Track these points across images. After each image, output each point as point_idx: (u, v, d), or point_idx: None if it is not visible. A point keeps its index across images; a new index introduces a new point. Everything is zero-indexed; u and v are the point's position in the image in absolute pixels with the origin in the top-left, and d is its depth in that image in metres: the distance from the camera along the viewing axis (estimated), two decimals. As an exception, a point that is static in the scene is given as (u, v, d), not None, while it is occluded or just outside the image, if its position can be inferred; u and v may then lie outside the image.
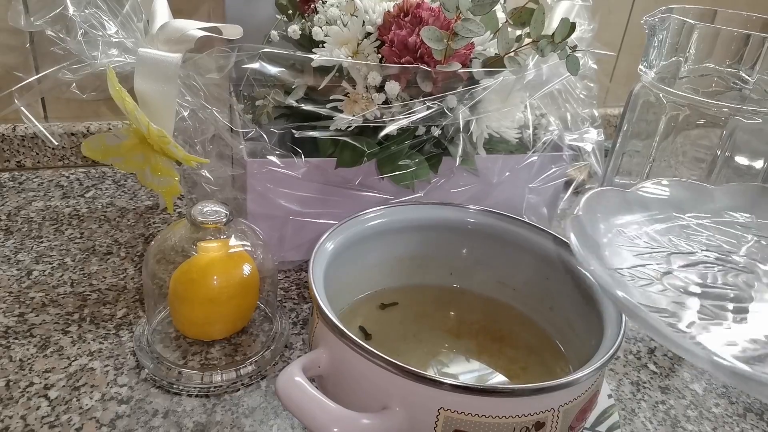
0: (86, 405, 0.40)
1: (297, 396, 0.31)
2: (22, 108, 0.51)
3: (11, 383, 0.42)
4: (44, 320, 0.48)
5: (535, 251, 0.45)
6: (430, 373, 0.32)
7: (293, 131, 0.50)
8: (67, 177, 0.71)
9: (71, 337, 0.46)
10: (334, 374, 0.35)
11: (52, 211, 0.63)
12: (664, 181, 0.48)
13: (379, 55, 0.50)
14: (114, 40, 0.49)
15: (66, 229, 0.60)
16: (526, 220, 0.46)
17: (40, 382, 0.42)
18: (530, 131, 0.55)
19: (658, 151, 0.51)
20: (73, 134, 0.72)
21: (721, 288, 0.40)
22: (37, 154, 0.72)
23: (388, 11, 0.50)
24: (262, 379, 0.44)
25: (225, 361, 0.45)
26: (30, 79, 0.51)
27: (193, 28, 0.49)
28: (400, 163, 0.51)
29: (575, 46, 0.50)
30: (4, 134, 0.69)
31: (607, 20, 0.89)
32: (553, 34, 0.49)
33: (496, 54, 0.51)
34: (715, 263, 0.43)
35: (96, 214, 0.64)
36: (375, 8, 0.51)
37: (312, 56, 0.50)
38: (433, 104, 0.49)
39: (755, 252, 0.44)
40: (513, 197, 0.58)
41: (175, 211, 0.65)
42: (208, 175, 0.52)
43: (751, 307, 0.39)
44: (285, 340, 0.48)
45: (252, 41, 0.50)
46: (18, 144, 0.70)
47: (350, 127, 0.50)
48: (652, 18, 0.50)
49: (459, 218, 0.48)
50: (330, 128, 0.50)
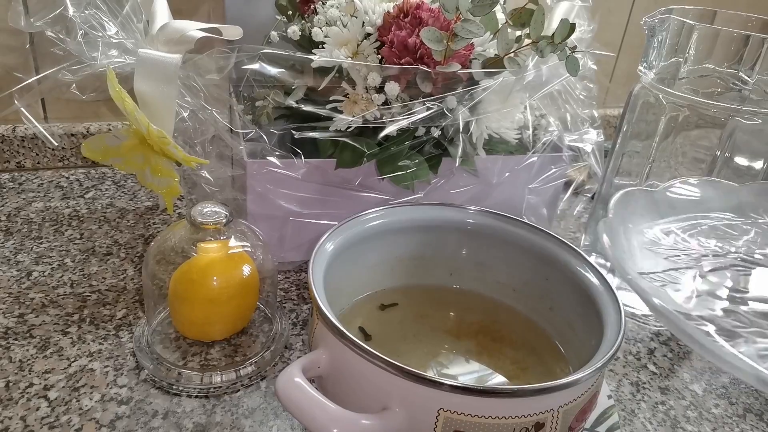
0: (86, 406, 0.40)
1: (297, 397, 0.31)
2: (22, 109, 0.51)
3: (11, 384, 0.42)
4: (44, 321, 0.48)
5: (535, 251, 0.45)
6: (430, 374, 0.32)
7: (293, 132, 0.50)
8: (67, 178, 0.71)
9: (71, 337, 0.46)
10: (334, 375, 0.35)
11: (51, 211, 0.63)
12: (692, 180, 0.48)
13: (379, 56, 0.50)
14: (114, 40, 0.49)
15: (66, 230, 0.60)
16: (526, 221, 0.46)
17: (40, 383, 0.42)
18: (530, 132, 0.55)
19: (658, 152, 0.51)
20: (72, 135, 0.72)
21: (753, 292, 0.40)
22: (37, 154, 0.72)
23: (388, 12, 0.50)
24: (261, 379, 0.44)
25: (225, 362, 0.45)
26: (30, 80, 0.51)
27: (193, 28, 0.49)
28: (399, 163, 0.51)
29: (575, 46, 0.50)
30: (4, 135, 0.69)
31: (607, 21, 0.90)
32: (553, 34, 0.49)
33: (495, 55, 0.51)
34: (744, 265, 0.42)
35: (96, 215, 0.64)
36: (375, 9, 0.51)
37: (312, 57, 0.50)
38: (432, 105, 0.49)
39: None
40: (513, 198, 0.58)
41: (174, 211, 0.65)
42: (207, 175, 0.52)
43: None
44: (285, 340, 0.48)
45: (252, 42, 0.50)
46: (18, 145, 0.70)
47: (350, 127, 0.50)
48: (651, 19, 0.50)
49: (459, 219, 0.48)
50: (330, 129, 0.50)
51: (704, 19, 0.52)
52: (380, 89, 0.50)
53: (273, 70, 0.50)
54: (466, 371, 0.42)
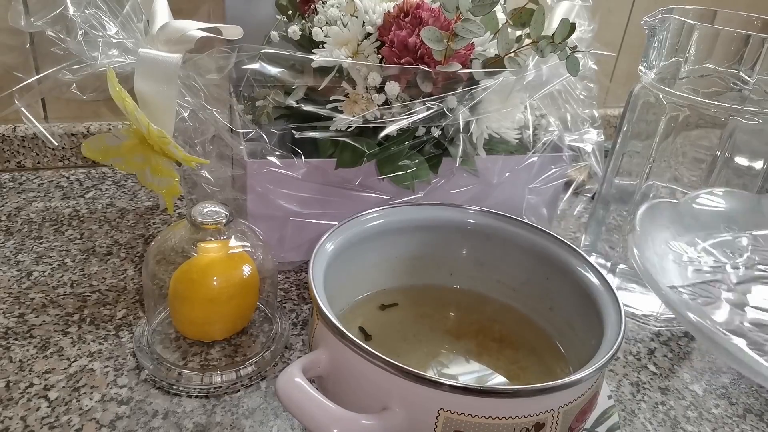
0: (86, 406, 0.40)
1: (297, 397, 0.31)
2: (22, 108, 0.51)
3: (11, 384, 0.42)
4: (44, 321, 0.48)
5: (535, 252, 0.45)
6: (430, 374, 0.32)
7: (293, 132, 0.50)
8: (67, 178, 0.71)
9: (71, 337, 0.46)
10: (334, 375, 0.35)
11: (52, 211, 0.63)
12: (718, 190, 0.47)
13: (379, 56, 0.50)
14: (114, 40, 0.49)
15: (66, 230, 0.60)
16: (526, 221, 0.46)
17: (40, 383, 0.42)
18: (530, 132, 0.55)
19: (658, 152, 0.51)
20: (73, 135, 0.72)
21: None
22: (37, 154, 0.72)
23: (388, 12, 0.50)
24: (262, 379, 0.44)
25: (225, 362, 0.45)
26: (30, 80, 0.51)
27: (193, 28, 0.49)
28: (400, 163, 0.51)
29: (575, 46, 0.50)
30: (4, 135, 0.69)
31: (607, 20, 0.90)
32: (553, 34, 0.49)
33: (496, 54, 0.51)
34: None
35: (96, 215, 0.64)
36: (375, 9, 0.51)
37: (312, 57, 0.50)
38: (433, 105, 0.49)
39: None
40: (513, 198, 0.58)
41: (175, 211, 0.65)
42: (208, 175, 0.52)
43: None
44: (285, 340, 0.48)
45: (252, 42, 0.50)
46: (18, 144, 0.70)
47: (350, 127, 0.50)
48: (651, 18, 0.50)
49: (459, 219, 0.48)
50: (330, 129, 0.50)
51: (704, 18, 0.52)
52: (380, 89, 0.50)
53: (273, 70, 0.50)
54: (466, 371, 0.42)
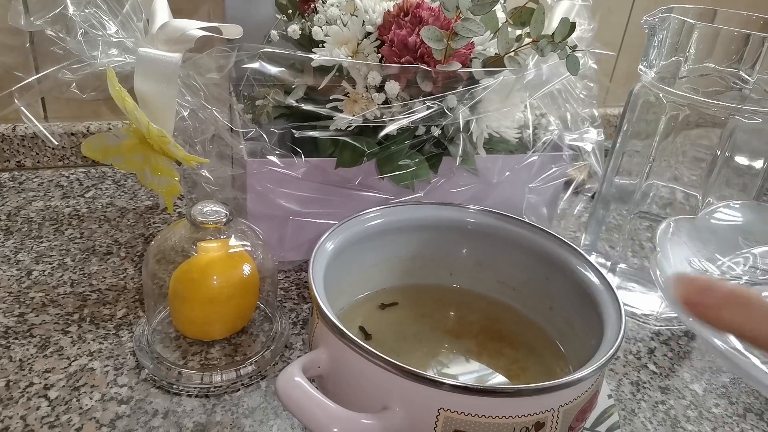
0: (86, 405, 0.40)
1: (297, 396, 0.31)
2: (22, 108, 0.51)
3: (11, 383, 0.42)
4: (44, 320, 0.48)
5: (535, 251, 0.45)
6: (430, 374, 0.32)
7: (293, 131, 0.50)
8: (67, 177, 0.71)
9: (71, 337, 0.46)
10: (334, 374, 0.35)
11: (52, 211, 0.63)
12: (734, 203, 0.47)
13: (379, 55, 0.50)
14: (114, 39, 0.49)
15: (66, 229, 0.60)
16: (526, 220, 0.46)
17: (40, 383, 0.42)
18: (530, 131, 0.55)
19: (658, 151, 0.51)
20: (73, 134, 0.72)
21: None
22: (37, 154, 0.72)
23: (388, 11, 0.50)
24: (262, 379, 0.44)
25: (225, 362, 0.45)
26: (30, 79, 0.51)
27: (193, 27, 0.49)
28: (400, 162, 0.51)
29: (575, 45, 0.50)
30: (4, 134, 0.69)
31: (607, 20, 0.89)
32: (553, 33, 0.49)
33: (496, 54, 0.51)
34: None
35: (96, 214, 0.64)
36: (375, 8, 0.51)
37: (312, 56, 0.50)
38: (433, 104, 0.49)
39: None
40: (513, 197, 0.58)
41: (175, 211, 0.65)
42: (208, 175, 0.52)
43: None
44: (285, 340, 0.48)
45: (252, 41, 0.50)
46: (18, 144, 0.70)
47: (350, 126, 0.50)
48: (651, 18, 0.50)
49: (459, 218, 0.47)
50: (330, 128, 0.50)
51: (704, 18, 0.52)
52: (380, 88, 0.50)
53: (273, 69, 0.50)
54: (466, 371, 0.42)
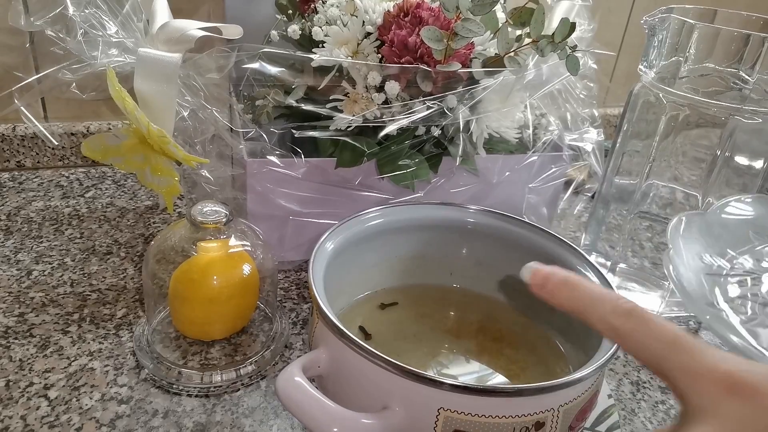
0: (86, 405, 0.40)
1: (297, 396, 0.31)
2: (22, 108, 0.51)
3: (11, 383, 0.42)
4: (44, 320, 0.48)
5: (535, 251, 0.45)
6: (430, 374, 0.32)
7: (293, 131, 0.50)
8: (67, 177, 0.71)
9: (71, 337, 0.46)
10: (334, 374, 0.35)
11: (52, 211, 0.63)
12: (746, 198, 0.47)
13: (379, 55, 0.50)
14: (114, 40, 0.49)
15: (66, 229, 0.60)
16: (526, 220, 0.46)
17: (40, 382, 0.42)
18: (530, 131, 0.55)
19: (658, 151, 0.51)
20: (73, 134, 0.72)
21: None
22: (37, 154, 0.72)
23: (388, 11, 0.50)
24: (261, 379, 0.44)
25: (225, 361, 0.45)
26: (30, 79, 0.51)
27: (193, 28, 0.49)
28: (400, 163, 0.51)
29: (575, 46, 0.50)
30: (4, 134, 0.69)
31: (607, 20, 0.89)
32: (553, 34, 0.49)
33: (496, 54, 0.51)
34: None
35: (96, 214, 0.64)
36: (375, 8, 0.51)
37: (312, 56, 0.50)
38: (433, 104, 0.49)
39: None
40: (513, 197, 0.58)
41: (175, 211, 0.65)
42: (208, 175, 0.52)
43: None
44: (285, 340, 0.48)
45: (252, 41, 0.50)
46: (18, 144, 0.70)
47: (350, 127, 0.50)
48: (651, 18, 0.50)
49: (459, 218, 0.47)
50: (330, 128, 0.50)
51: (704, 18, 0.52)
52: (380, 88, 0.50)
53: (273, 69, 0.50)
54: (466, 371, 0.42)
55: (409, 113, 0.49)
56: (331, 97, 0.51)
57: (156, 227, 0.62)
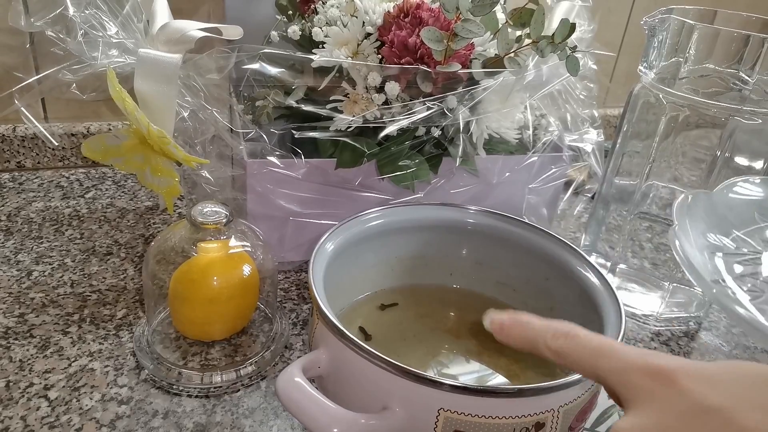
0: (86, 405, 0.40)
1: (297, 396, 0.31)
2: (22, 108, 0.51)
3: (11, 384, 0.42)
4: (44, 321, 0.48)
5: (535, 252, 0.45)
6: (430, 374, 0.32)
7: (293, 132, 0.50)
8: (67, 177, 0.71)
9: (71, 337, 0.46)
10: (334, 375, 0.35)
11: (52, 211, 0.63)
12: (755, 179, 0.47)
13: (379, 56, 0.50)
14: (114, 40, 0.49)
15: (66, 230, 0.60)
16: (526, 221, 0.46)
17: (40, 383, 0.42)
18: (530, 132, 0.55)
19: (658, 152, 0.51)
20: (73, 135, 0.72)
21: None
22: (37, 154, 0.72)
23: (388, 12, 0.50)
24: (262, 379, 0.44)
25: (225, 362, 0.45)
26: (30, 80, 0.51)
27: (193, 28, 0.49)
28: (400, 163, 0.51)
29: (575, 46, 0.50)
30: (4, 135, 0.69)
31: (607, 20, 0.89)
32: (553, 34, 0.49)
33: (496, 55, 0.51)
34: None
35: (96, 215, 0.64)
36: (375, 9, 0.51)
37: (312, 57, 0.50)
38: (433, 105, 0.49)
39: None
40: (513, 198, 0.58)
41: (175, 211, 0.65)
42: (208, 175, 0.52)
43: None
44: (285, 340, 0.48)
45: (252, 42, 0.50)
46: (18, 144, 0.70)
47: (350, 127, 0.50)
48: (651, 18, 0.50)
49: (459, 219, 0.48)
50: (330, 129, 0.50)
51: (704, 18, 0.52)
52: (380, 89, 0.50)
53: (273, 70, 0.50)
54: (467, 371, 0.42)
55: (409, 114, 0.49)
56: (331, 98, 0.51)
57: (156, 228, 0.62)
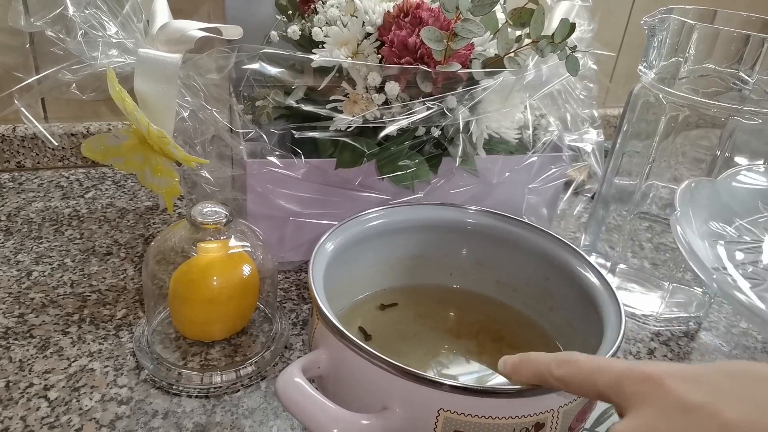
0: (86, 406, 0.40)
1: (297, 397, 0.31)
2: (22, 108, 0.51)
3: (11, 384, 0.42)
4: (44, 321, 0.48)
5: (535, 252, 0.45)
6: (430, 374, 0.32)
7: (293, 132, 0.50)
8: (67, 177, 0.71)
9: (71, 337, 0.46)
10: (334, 375, 0.35)
11: (52, 211, 0.63)
12: (759, 167, 0.46)
13: (379, 56, 0.50)
14: (114, 40, 0.49)
15: (66, 230, 0.60)
16: (526, 221, 0.46)
17: (40, 383, 0.42)
18: (530, 132, 0.55)
19: (658, 152, 0.51)
20: (73, 135, 0.72)
21: None
22: (37, 154, 0.72)
23: (388, 12, 0.50)
24: (261, 379, 0.44)
25: (225, 362, 0.45)
26: (30, 80, 0.51)
27: (193, 28, 0.49)
28: (400, 163, 0.51)
29: (575, 46, 0.50)
30: (4, 135, 0.69)
31: (607, 20, 0.89)
32: (553, 34, 0.49)
33: (495, 54, 0.51)
34: None
35: (96, 215, 0.64)
36: (375, 9, 0.51)
37: (312, 57, 0.50)
38: (432, 105, 0.49)
39: None
40: (513, 198, 0.58)
41: (175, 211, 0.65)
42: (207, 175, 0.52)
43: None
44: (285, 340, 0.48)
45: (252, 42, 0.50)
46: (18, 144, 0.70)
47: (350, 127, 0.50)
48: (651, 18, 0.50)
49: (459, 219, 0.48)
50: (330, 129, 0.50)
51: (704, 18, 0.52)
52: (380, 89, 0.50)
53: (273, 70, 0.50)
54: (466, 371, 0.42)
55: (409, 114, 0.49)
56: (331, 98, 0.51)
57: (156, 228, 0.62)
